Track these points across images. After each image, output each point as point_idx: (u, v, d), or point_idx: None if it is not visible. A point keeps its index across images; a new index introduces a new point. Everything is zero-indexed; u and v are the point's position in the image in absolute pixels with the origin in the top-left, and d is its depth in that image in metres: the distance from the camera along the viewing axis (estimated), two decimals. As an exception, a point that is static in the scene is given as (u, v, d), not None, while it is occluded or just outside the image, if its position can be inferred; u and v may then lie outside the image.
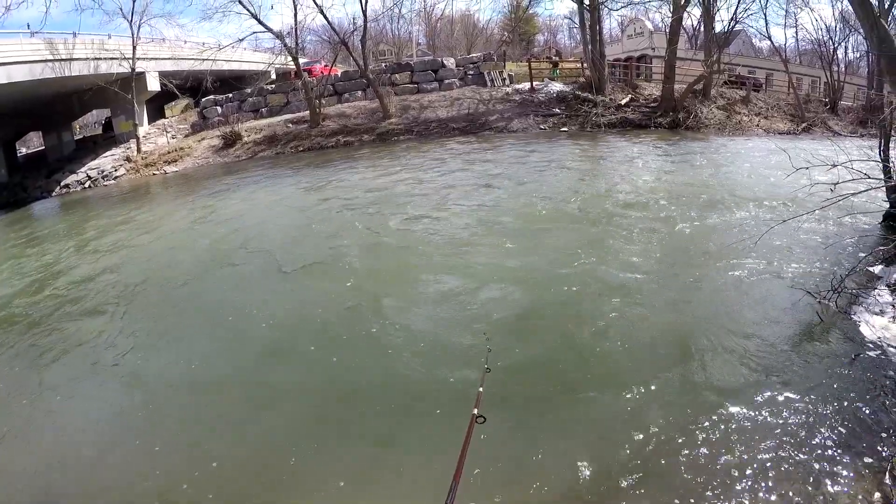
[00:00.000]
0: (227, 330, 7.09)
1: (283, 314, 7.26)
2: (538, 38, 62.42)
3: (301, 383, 5.68)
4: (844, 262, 6.95)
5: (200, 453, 4.83)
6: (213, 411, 5.47)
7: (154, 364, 6.48)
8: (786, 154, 7.21)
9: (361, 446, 4.68)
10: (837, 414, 4.43)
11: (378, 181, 15.43)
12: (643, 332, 5.87)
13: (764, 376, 4.98)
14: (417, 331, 6.33)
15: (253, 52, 36.41)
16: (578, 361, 5.56)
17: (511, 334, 6.02)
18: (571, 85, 26.34)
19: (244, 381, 5.85)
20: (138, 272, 9.80)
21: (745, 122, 22.81)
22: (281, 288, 8.22)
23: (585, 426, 4.60)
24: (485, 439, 4.13)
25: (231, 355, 6.46)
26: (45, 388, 6.33)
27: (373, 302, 7.22)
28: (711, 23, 25.64)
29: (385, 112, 25.61)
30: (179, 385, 6.00)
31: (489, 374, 3.57)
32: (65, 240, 14.24)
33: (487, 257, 8.32)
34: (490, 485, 4.02)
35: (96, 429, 5.45)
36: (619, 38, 40.31)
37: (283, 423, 5.09)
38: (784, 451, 4.08)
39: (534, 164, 15.82)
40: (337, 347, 6.19)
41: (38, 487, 4.77)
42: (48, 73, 23.30)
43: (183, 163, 25.99)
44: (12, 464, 5.12)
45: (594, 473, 4.06)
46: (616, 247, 8.32)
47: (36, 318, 8.46)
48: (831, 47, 29.92)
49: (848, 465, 3.94)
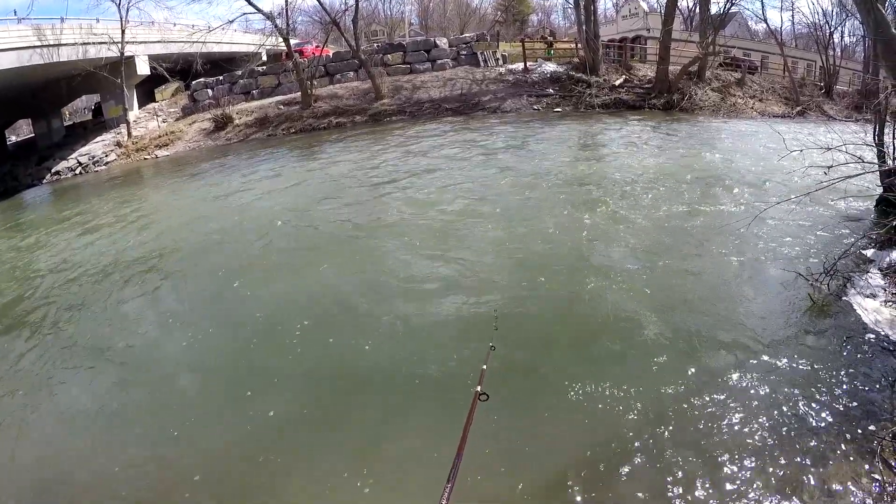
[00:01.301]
0: (226, 313, 7.09)
1: (282, 296, 7.25)
2: (532, 18, 61.80)
3: (302, 364, 5.67)
4: (837, 246, 6.95)
5: (198, 439, 4.85)
6: (211, 396, 5.48)
7: (151, 350, 6.48)
8: (780, 137, 7.18)
9: (367, 425, 4.71)
10: (828, 396, 4.47)
11: (370, 161, 15.37)
12: (625, 314, 5.89)
13: (755, 358, 5.02)
14: (418, 312, 6.33)
15: (243, 33, 35.86)
16: (572, 340, 5.64)
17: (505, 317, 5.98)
18: (565, 65, 26.17)
19: (243, 363, 5.85)
20: (132, 257, 9.77)
21: (740, 104, 22.77)
22: (279, 269, 8.19)
23: (584, 405, 4.60)
24: (488, 416, 4.13)
25: (229, 338, 6.46)
26: (39, 377, 6.32)
27: (374, 281, 7.25)
28: (707, 4, 25.35)
29: (377, 93, 25.39)
30: (177, 370, 6.00)
31: (494, 351, 3.54)
32: (56, 227, 14.11)
33: (481, 238, 8.30)
34: (493, 461, 4.06)
35: (93, 416, 5.45)
36: (614, 18, 40.14)
37: (285, 404, 5.09)
38: (774, 433, 4.12)
39: (526, 144, 15.78)
40: (339, 326, 6.22)
41: (35, 475, 4.79)
42: (36, 60, 22.98)
43: (174, 147, 25.71)
44: (9, 451, 5.12)
45: (592, 453, 4.10)
46: (609, 228, 8.32)
47: (26, 308, 8.43)
48: (828, 31, 29.78)
49: (838, 446, 3.98)
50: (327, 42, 30.97)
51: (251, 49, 34.33)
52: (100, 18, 26.51)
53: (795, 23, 43.65)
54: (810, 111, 22.49)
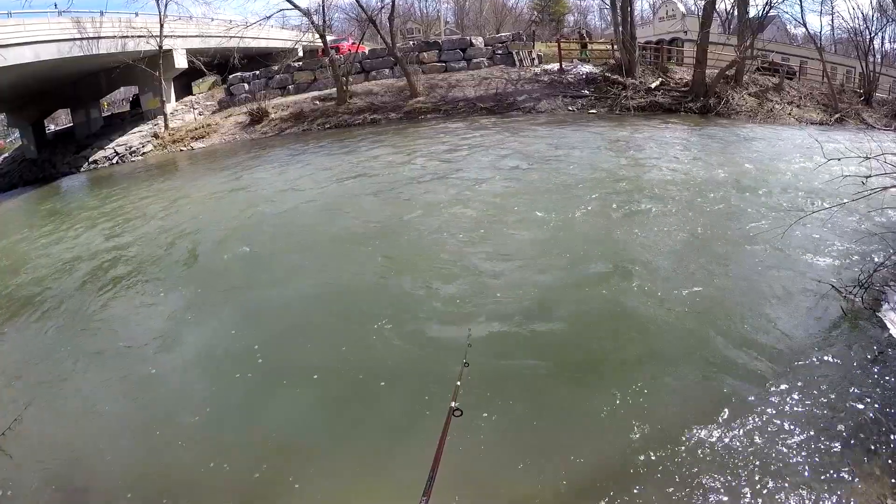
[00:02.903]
0: (253, 306, 7.17)
1: (308, 291, 7.35)
2: (568, 18, 61.55)
3: (319, 364, 5.69)
4: (873, 258, 6.84)
5: (217, 430, 4.94)
6: (234, 388, 5.55)
7: (176, 340, 6.59)
8: (817, 144, 7.07)
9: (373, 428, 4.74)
10: (856, 412, 4.38)
11: (403, 159, 15.48)
12: (661, 318, 5.87)
13: (781, 371, 4.92)
14: (439, 312, 6.36)
15: (280, 29, 36.32)
16: (592, 347, 5.60)
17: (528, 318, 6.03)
18: (601, 67, 26.02)
19: (265, 358, 5.89)
20: (163, 247, 9.96)
21: (777, 110, 22.39)
22: (307, 264, 8.26)
23: (592, 416, 4.59)
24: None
25: (255, 331, 6.52)
26: (70, 360, 6.49)
27: (398, 280, 7.28)
28: (745, 7, 25.06)
29: (412, 90, 25.51)
30: (201, 361, 6.10)
31: (467, 368, 3.57)
32: (93, 214, 14.44)
33: (507, 241, 8.30)
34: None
35: (119, 401, 5.59)
36: (651, 20, 39.79)
37: (298, 406, 5.17)
38: (796, 448, 4.05)
39: (561, 144, 15.75)
40: (357, 326, 6.21)
41: (62, 459, 4.89)
42: (76, 52, 23.40)
43: (210, 139, 26.11)
44: (39, 431, 5.27)
45: (601, 463, 4.11)
46: (641, 231, 8.28)
47: (60, 293, 8.62)
48: (868, 37, 29.04)
49: (866, 464, 3.91)
50: (363, 39, 31.18)
51: (287, 45, 34.65)
52: (139, 13, 27.03)
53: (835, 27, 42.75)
54: (849, 119, 22.10)
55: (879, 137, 7.63)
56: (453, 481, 3.68)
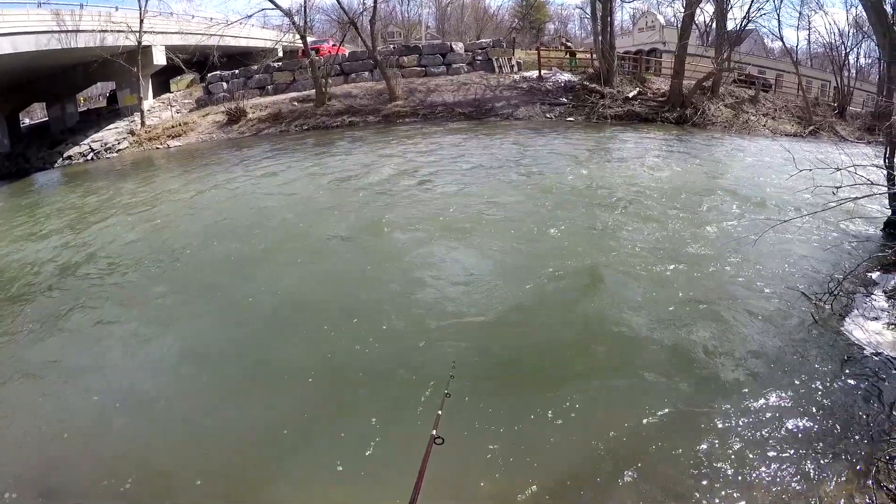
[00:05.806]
0: (231, 305, 7.11)
1: (285, 290, 7.29)
2: (549, 26, 61.93)
3: (299, 362, 5.66)
4: (843, 267, 6.93)
5: (197, 428, 4.90)
6: (212, 387, 5.53)
7: (155, 338, 6.51)
8: (790, 155, 7.16)
9: (357, 427, 4.67)
10: (825, 416, 4.46)
11: (380, 161, 15.44)
12: (631, 327, 5.87)
13: (753, 376, 5.00)
14: (417, 315, 6.32)
15: (261, 28, 36.18)
16: (564, 357, 5.56)
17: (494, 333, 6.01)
18: (580, 75, 26.20)
19: (244, 357, 5.87)
20: (139, 246, 9.81)
21: (753, 121, 22.71)
22: (283, 264, 8.23)
23: (568, 424, 4.56)
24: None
25: (232, 331, 6.50)
26: (45, 361, 6.35)
27: (376, 280, 7.28)
28: (724, 20, 25.41)
29: (391, 94, 25.49)
30: (180, 360, 6.04)
31: (449, 399, 3.56)
32: (65, 211, 14.20)
33: (480, 245, 8.31)
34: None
35: (96, 402, 5.47)
36: (630, 30, 40.10)
37: (279, 403, 5.12)
38: (770, 451, 4.11)
39: (535, 152, 15.82)
40: (337, 326, 6.20)
41: (39, 458, 4.80)
42: (54, 45, 23.07)
43: (186, 137, 25.84)
44: (14, 435, 5.14)
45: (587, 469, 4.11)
46: (612, 241, 8.31)
47: (33, 291, 8.45)
48: (843, 52, 29.66)
49: (834, 467, 3.97)
50: (344, 41, 31.09)
51: (268, 45, 34.59)
52: (119, 7, 26.80)
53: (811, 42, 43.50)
54: (823, 131, 22.37)
55: (851, 150, 7.77)
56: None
